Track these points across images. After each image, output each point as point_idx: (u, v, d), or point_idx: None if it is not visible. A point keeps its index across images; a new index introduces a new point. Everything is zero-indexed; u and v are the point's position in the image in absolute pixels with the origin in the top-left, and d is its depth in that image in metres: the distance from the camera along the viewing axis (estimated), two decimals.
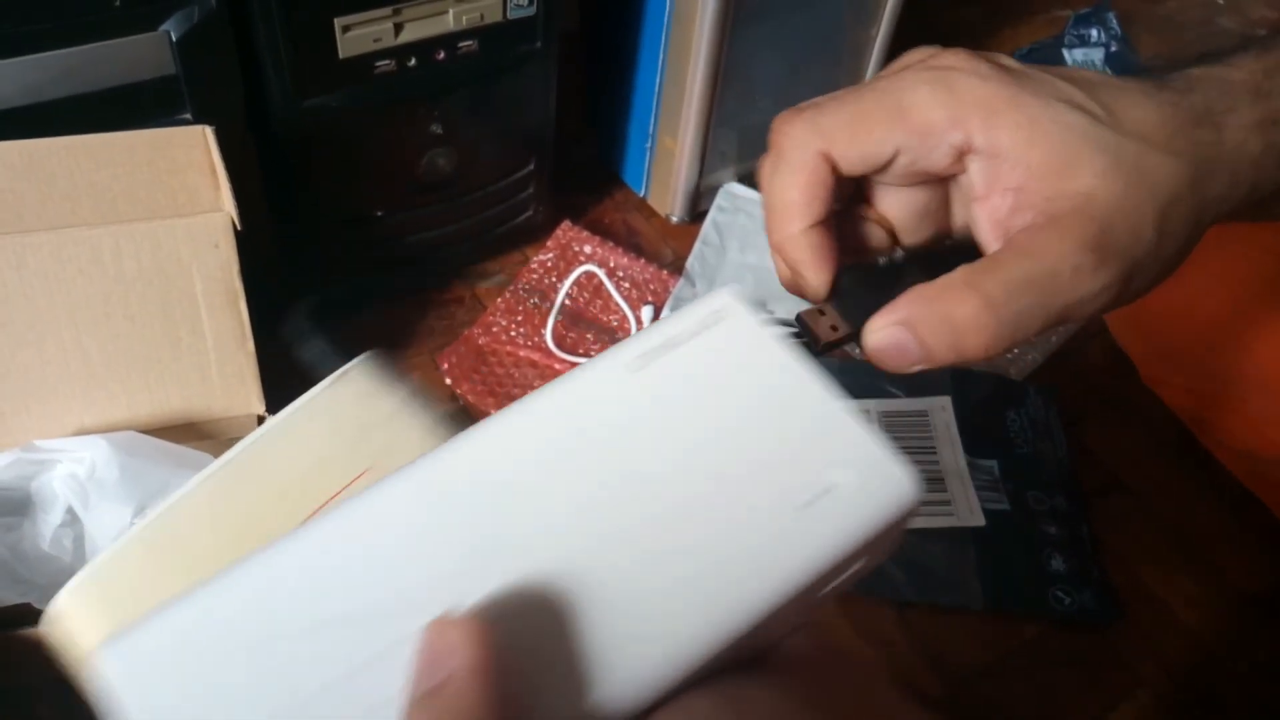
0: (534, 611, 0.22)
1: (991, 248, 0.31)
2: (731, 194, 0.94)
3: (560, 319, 0.84)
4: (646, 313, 0.85)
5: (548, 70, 0.80)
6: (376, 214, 0.79)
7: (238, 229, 0.63)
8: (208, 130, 0.61)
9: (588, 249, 0.89)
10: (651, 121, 0.90)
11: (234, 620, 0.21)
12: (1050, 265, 0.29)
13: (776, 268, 0.34)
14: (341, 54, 0.68)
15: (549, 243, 0.90)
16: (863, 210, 0.35)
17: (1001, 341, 0.29)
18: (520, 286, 0.87)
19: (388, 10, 0.68)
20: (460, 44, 0.73)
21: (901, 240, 0.36)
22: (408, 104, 0.74)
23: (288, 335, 0.62)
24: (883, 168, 0.32)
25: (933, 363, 0.29)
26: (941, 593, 0.70)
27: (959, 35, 1.20)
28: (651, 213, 0.96)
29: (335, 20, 0.66)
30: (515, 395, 0.79)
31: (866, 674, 0.27)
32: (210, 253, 0.63)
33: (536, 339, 0.83)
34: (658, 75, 0.87)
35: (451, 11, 0.71)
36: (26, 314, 0.60)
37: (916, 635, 0.69)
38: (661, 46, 0.85)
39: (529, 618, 0.22)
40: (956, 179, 0.33)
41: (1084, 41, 1.18)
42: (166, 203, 0.61)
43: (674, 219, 0.95)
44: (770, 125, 0.34)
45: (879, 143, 0.31)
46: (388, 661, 0.21)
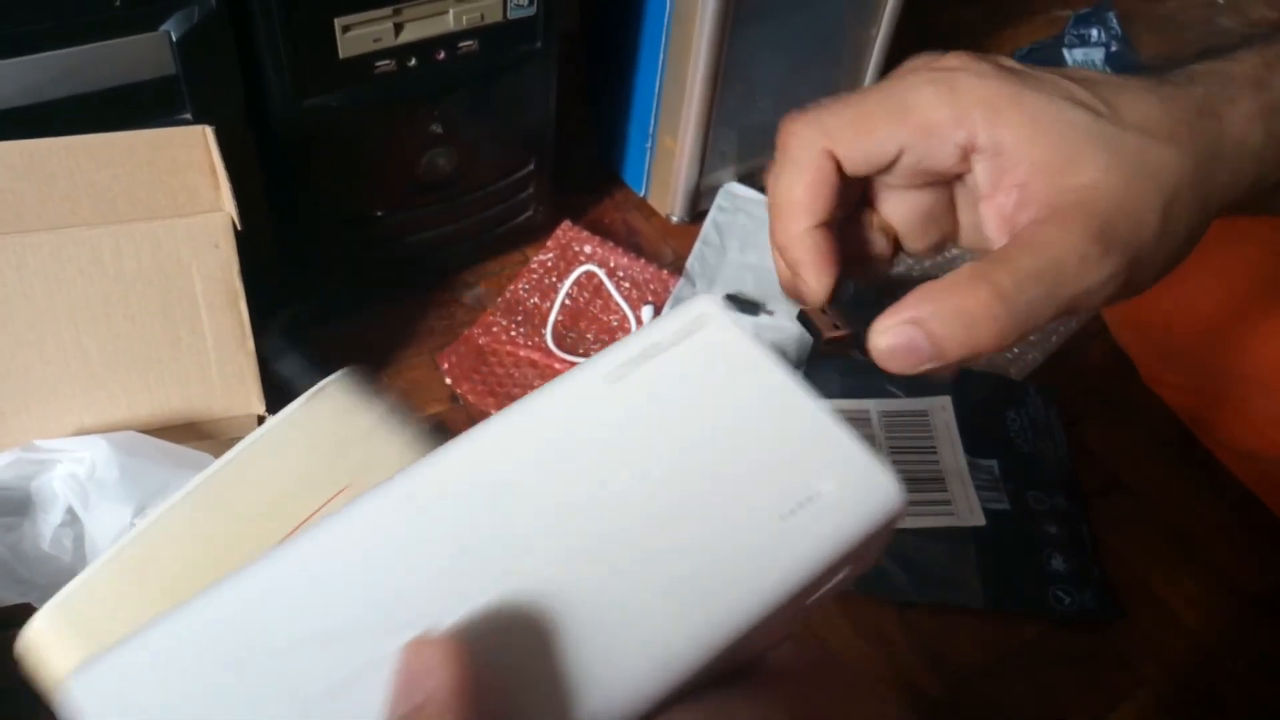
0: (515, 628, 0.22)
1: (999, 245, 0.31)
2: (732, 194, 0.94)
3: (560, 319, 0.84)
4: (646, 312, 0.85)
5: (548, 70, 0.80)
6: (376, 214, 0.79)
7: (238, 229, 0.63)
8: (208, 130, 0.61)
9: (588, 249, 0.89)
10: (651, 121, 0.90)
11: (207, 644, 0.21)
12: (1056, 256, 0.29)
13: (777, 269, 0.34)
14: (341, 54, 0.68)
15: (549, 243, 0.90)
16: (866, 217, 0.35)
17: (1013, 332, 0.29)
18: (520, 286, 0.87)
19: (388, 10, 0.68)
20: (460, 44, 0.73)
21: (905, 246, 0.36)
22: (408, 104, 0.74)
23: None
24: (887, 168, 0.32)
25: (943, 359, 0.29)
26: (941, 592, 0.70)
27: (959, 35, 1.20)
28: (651, 212, 0.96)
29: (335, 20, 0.66)
30: (515, 395, 0.79)
31: (854, 684, 0.27)
32: (210, 253, 0.63)
33: (536, 339, 0.83)
34: (658, 75, 0.87)
35: (451, 11, 0.71)
36: (26, 314, 0.60)
37: (916, 635, 0.69)
38: (661, 46, 0.85)
39: (510, 635, 0.22)
40: (962, 181, 0.33)
41: (1084, 41, 1.18)
42: (166, 203, 0.61)
43: (674, 219, 0.95)
44: (773, 126, 0.34)
45: (883, 141, 0.31)
46: (366, 682, 0.20)
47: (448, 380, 0.80)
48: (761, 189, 0.94)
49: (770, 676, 0.25)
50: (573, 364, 0.81)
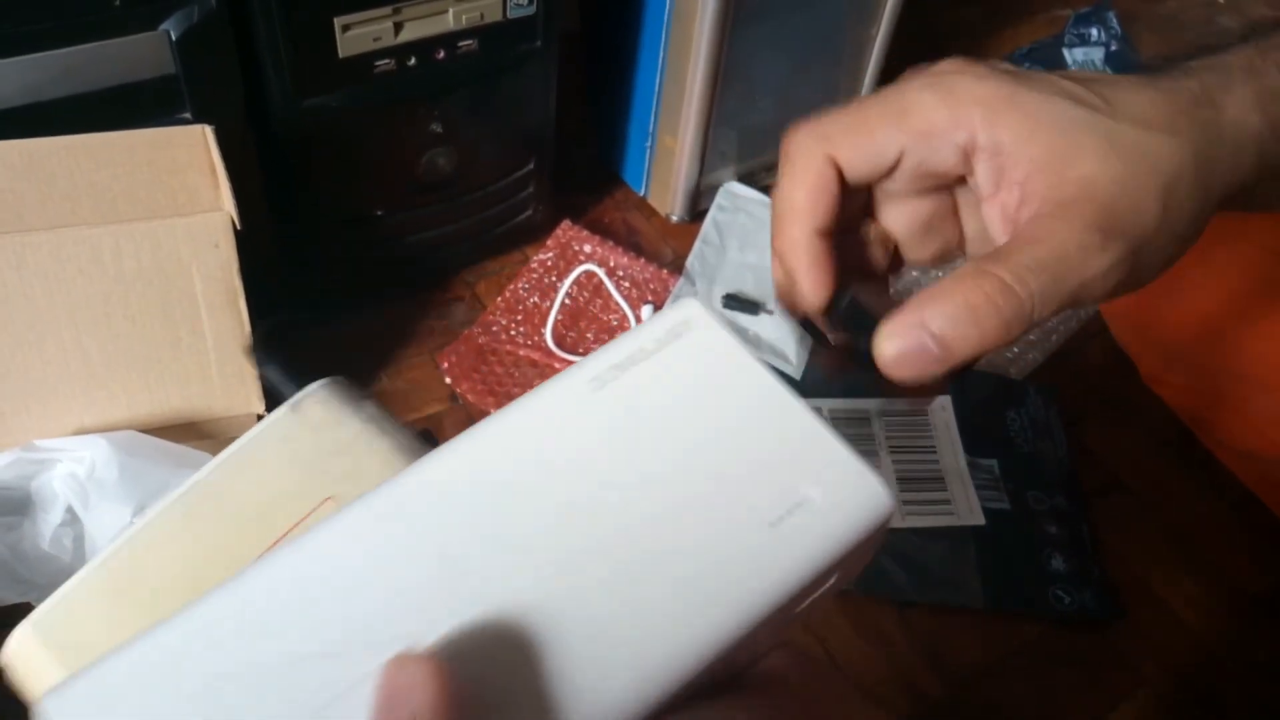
0: (498, 644, 0.21)
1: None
2: (731, 193, 0.94)
3: (560, 318, 0.84)
4: (646, 312, 0.85)
5: (548, 70, 0.80)
6: (376, 214, 0.79)
7: (238, 229, 0.63)
8: (207, 130, 0.61)
9: (588, 248, 0.89)
10: (651, 121, 0.90)
11: (185, 664, 0.20)
12: (1057, 247, 0.29)
13: (774, 276, 0.34)
14: (341, 53, 0.68)
15: (549, 242, 0.90)
16: (866, 228, 0.35)
17: (1020, 325, 0.29)
18: (520, 286, 0.87)
19: (387, 10, 0.68)
20: (460, 43, 0.73)
21: (907, 256, 0.36)
22: (408, 104, 0.74)
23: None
24: (888, 172, 0.32)
25: (952, 359, 0.29)
26: (942, 592, 0.70)
27: (959, 35, 1.20)
28: (651, 212, 0.96)
29: (335, 20, 0.66)
30: (515, 394, 0.79)
31: (845, 692, 0.27)
32: (210, 252, 0.63)
33: (536, 338, 0.83)
34: (658, 75, 0.87)
35: (451, 11, 0.71)
36: (26, 314, 0.60)
37: (916, 635, 0.69)
38: (661, 46, 0.85)
39: (493, 650, 0.21)
40: (964, 186, 0.33)
41: (1084, 41, 1.18)
42: (166, 202, 0.61)
43: (674, 218, 0.95)
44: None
45: (883, 145, 0.31)
46: (347, 702, 0.20)
47: (448, 380, 0.80)
48: (761, 188, 0.94)
49: (760, 686, 0.25)
50: (572, 363, 0.81)
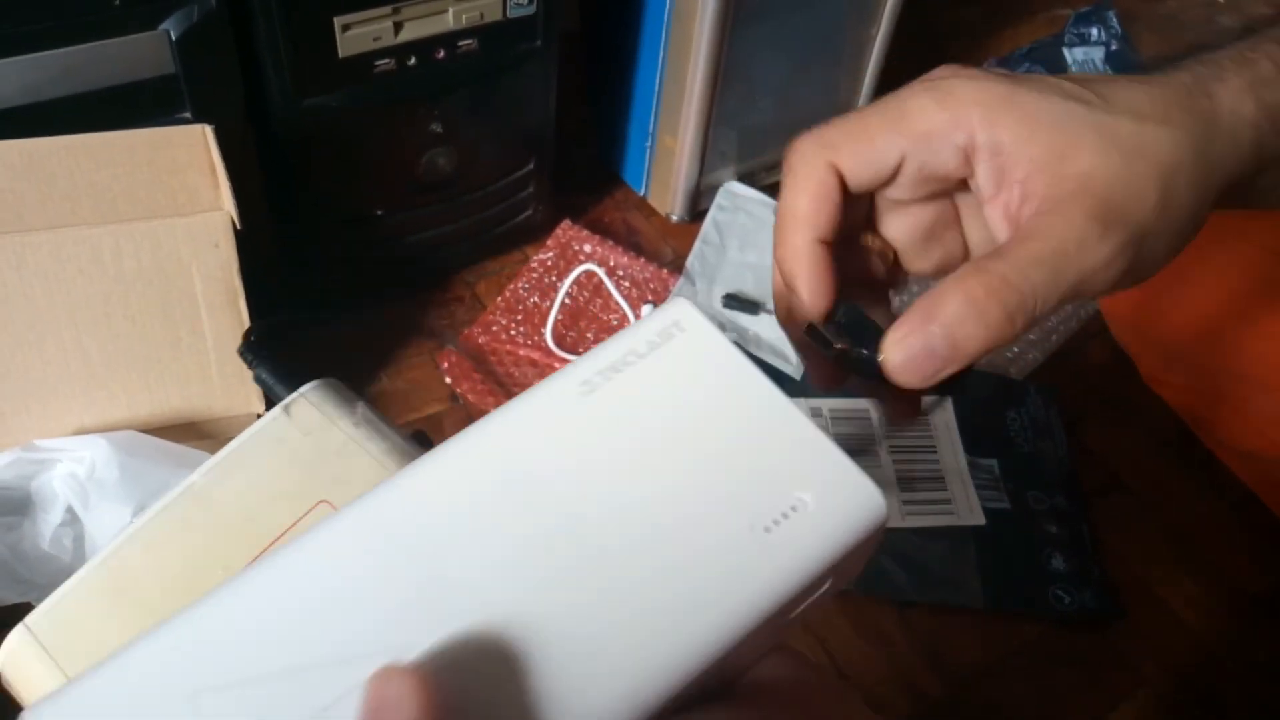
0: (485, 656, 0.21)
1: None
2: (731, 193, 0.94)
3: (560, 318, 0.84)
4: (647, 311, 0.85)
5: (548, 70, 0.80)
6: (376, 214, 0.79)
7: (238, 228, 0.63)
8: (207, 129, 0.61)
9: (588, 248, 0.89)
10: (651, 121, 0.90)
11: (171, 677, 0.20)
12: (1056, 240, 0.29)
13: (774, 284, 0.34)
14: (341, 53, 0.68)
15: (549, 242, 0.90)
16: (866, 239, 0.35)
17: (1024, 319, 0.29)
18: (520, 286, 0.87)
19: (387, 9, 0.68)
20: (460, 43, 0.73)
21: (908, 266, 0.36)
22: (408, 103, 0.74)
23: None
24: (890, 178, 0.32)
25: (959, 359, 0.29)
26: (942, 592, 0.70)
27: (959, 35, 1.20)
28: (651, 212, 0.96)
29: (335, 19, 0.66)
30: (515, 394, 0.79)
31: (841, 698, 0.27)
32: (210, 252, 0.63)
33: (536, 338, 0.83)
34: (658, 75, 0.87)
35: (451, 10, 0.71)
36: (26, 314, 0.60)
37: (916, 635, 0.69)
38: (661, 46, 0.85)
39: (480, 662, 0.21)
40: (965, 192, 0.34)
41: (1084, 40, 1.18)
42: (166, 202, 0.61)
43: (674, 218, 0.95)
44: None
45: (884, 150, 0.32)
46: (334, 714, 0.20)
47: (448, 380, 0.80)
48: (762, 188, 0.94)
49: (754, 693, 0.25)
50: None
